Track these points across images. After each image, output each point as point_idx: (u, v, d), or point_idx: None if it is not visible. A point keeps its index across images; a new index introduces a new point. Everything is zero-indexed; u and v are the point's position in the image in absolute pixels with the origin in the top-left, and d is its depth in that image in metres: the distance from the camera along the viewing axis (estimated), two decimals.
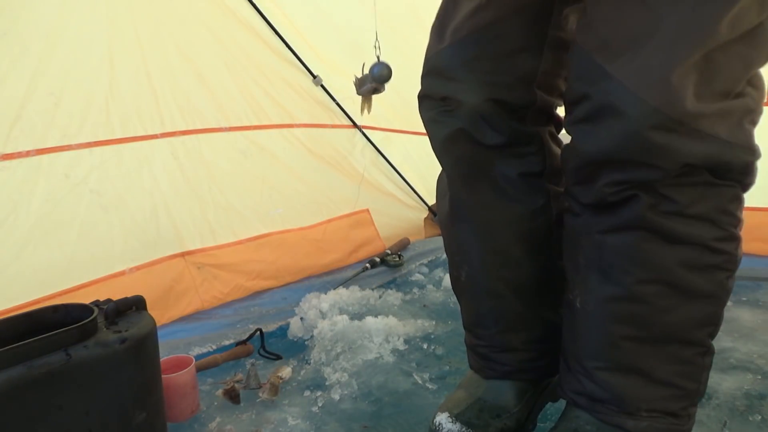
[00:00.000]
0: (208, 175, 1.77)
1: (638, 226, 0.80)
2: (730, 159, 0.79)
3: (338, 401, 1.23)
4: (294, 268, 1.93)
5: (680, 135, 0.74)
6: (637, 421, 0.85)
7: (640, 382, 0.85)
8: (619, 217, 0.81)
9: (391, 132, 2.30)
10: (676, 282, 0.81)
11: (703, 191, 0.80)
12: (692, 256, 0.80)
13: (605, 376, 0.86)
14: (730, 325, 1.51)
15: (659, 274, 0.81)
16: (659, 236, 0.80)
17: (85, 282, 1.49)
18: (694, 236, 0.80)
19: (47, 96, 1.42)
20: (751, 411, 1.13)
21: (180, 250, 1.69)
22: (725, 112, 0.77)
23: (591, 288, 0.85)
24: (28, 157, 1.40)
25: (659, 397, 0.85)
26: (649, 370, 0.84)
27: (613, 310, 0.84)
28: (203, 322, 1.62)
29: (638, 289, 0.81)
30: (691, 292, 0.81)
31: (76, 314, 0.97)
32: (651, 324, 0.83)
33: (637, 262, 0.81)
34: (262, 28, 1.86)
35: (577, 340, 0.89)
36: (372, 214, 2.22)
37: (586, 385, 0.88)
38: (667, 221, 0.79)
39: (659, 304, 0.81)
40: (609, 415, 0.86)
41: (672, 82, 0.72)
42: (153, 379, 1.03)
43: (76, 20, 1.46)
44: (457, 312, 1.66)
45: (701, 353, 0.86)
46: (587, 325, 0.87)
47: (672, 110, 0.73)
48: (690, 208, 0.79)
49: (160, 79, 1.65)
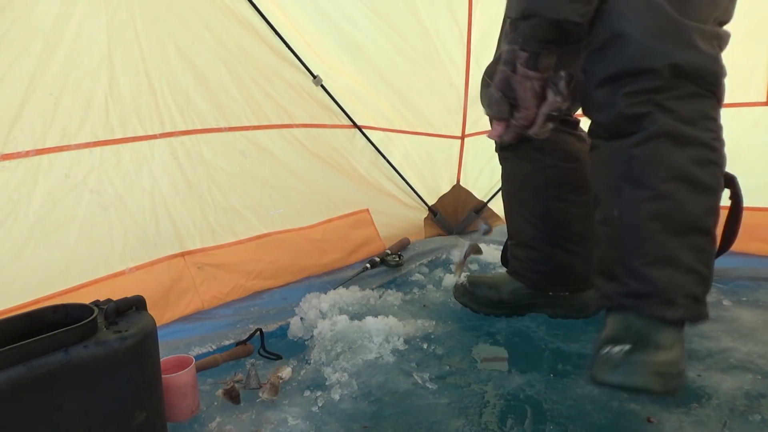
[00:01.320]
0: (208, 175, 1.77)
1: (658, 135, 1.02)
2: (705, 66, 1.02)
3: (338, 401, 1.23)
4: (294, 268, 1.93)
5: (671, 39, 1.01)
6: (674, 311, 1.02)
7: (674, 272, 1.02)
8: (643, 132, 1.03)
9: (391, 132, 2.30)
10: (689, 177, 1.02)
11: (693, 101, 1.03)
12: (698, 153, 1.03)
13: (647, 270, 1.03)
14: (730, 325, 1.51)
15: (677, 171, 1.02)
16: (673, 141, 1.01)
17: (85, 282, 1.49)
18: (698, 137, 1.03)
19: (47, 96, 1.42)
20: (751, 411, 1.13)
21: (180, 250, 1.69)
22: (701, 31, 1.02)
23: (625, 197, 1.05)
24: (27, 157, 1.40)
25: (688, 283, 1.03)
26: (678, 259, 1.02)
27: (646, 209, 1.03)
28: (203, 322, 1.62)
29: (664, 187, 1.02)
30: (700, 184, 1.03)
31: (76, 314, 0.97)
32: (675, 216, 1.02)
33: (661, 165, 1.02)
34: (262, 28, 1.86)
35: (620, 245, 1.08)
36: (372, 214, 2.22)
37: (631, 284, 1.05)
38: (678, 127, 1.02)
39: (679, 198, 1.02)
40: (652, 309, 1.02)
41: (657, 2, 1.01)
42: (153, 379, 1.03)
43: (75, 20, 1.46)
44: (457, 312, 1.67)
45: (710, 241, 1.06)
46: (627, 230, 1.06)
47: (662, 20, 1.01)
48: (689, 114, 1.02)
49: (159, 79, 1.65)
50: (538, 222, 1.50)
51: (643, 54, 1.01)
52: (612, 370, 0.98)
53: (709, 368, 1.29)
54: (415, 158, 2.37)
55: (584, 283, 1.55)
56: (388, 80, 2.20)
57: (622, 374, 0.97)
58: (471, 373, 1.34)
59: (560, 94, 1.13)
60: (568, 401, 1.20)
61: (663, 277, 1.02)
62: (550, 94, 1.14)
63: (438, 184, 2.47)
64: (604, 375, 0.99)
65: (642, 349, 0.98)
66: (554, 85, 1.13)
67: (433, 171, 2.44)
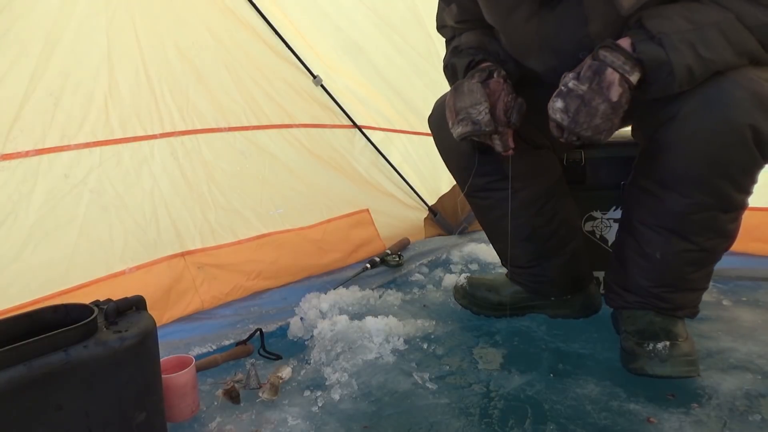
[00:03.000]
0: (208, 175, 1.77)
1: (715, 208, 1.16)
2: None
3: (338, 401, 1.23)
4: (294, 268, 1.93)
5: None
6: (682, 312, 1.29)
7: (691, 294, 1.28)
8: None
9: (391, 132, 2.30)
10: (726, 233, 1.20)
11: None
12: (735, 215, 1.18)
13: (672, 296, 1.26)
14: (730, 325, 1.51)
15: (720, 233, 1.19)
16: (723, 211, 1.16)
17: (85, 282, 1.49)
18: (741, 201, 1.16)
19: (47, 96, 1.42)
20: (751, 411, 1.13)
21: (180, 250, 1.69)
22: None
23: (672, 245, 1.20)
24: (27, 157, 1.40)
25: (698, 296, 1.30)
26: (696, 286, 1.27)
27: (687, 258, 1.21)
28: (203, 322, 1.61)
29: (707, 245, 1.19)
30: (731, 236, 1.21)
31: (76, 314, 0.97)
32: (707, 261, 1.24)
33: (710, 230, 1.18)
34: (262, 28, 1.86)
35: (653, 278, 1.26)
36: (372, 214, 2.22)
37: (654, 302, 1.27)
38: (734, 198, 1.15)
39: (715, 248, 1.21)
40: (666, 312, 1.28)
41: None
42: (153, 379, 1.03)
43: (75, 20, 1.46)
44: (457, 312, 1.68)
45: (716, 262, 1.26)
46: (665, 269, 1.24)
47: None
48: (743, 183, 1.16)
49: (159, 79, 1.65)
50: (527, 244, 1.50)
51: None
52: (662, 364, 1.21)
53: (709, 368, 1.29)
54: (415, 158, 2.37)
55: (585, 279, 1.57)
56: (388, 80, 2.20)
57: (670, 367, 1.21)
58: (471, 373, 1.34)
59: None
60: (568, 401, 1.20)
61: (681, 298, 1.27)
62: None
63: (438, 184, 2.47)
64: (654, 368, 1.22)
65: (675, 345, 1.23)
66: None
67: (433, 171, 2.44)
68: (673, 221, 1.19)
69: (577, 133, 1.08)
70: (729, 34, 1.04)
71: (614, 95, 1.05)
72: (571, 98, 1.07)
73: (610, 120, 1.06)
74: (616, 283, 1.34)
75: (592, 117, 1.06)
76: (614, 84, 1.05)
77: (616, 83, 1.05)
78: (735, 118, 1.05)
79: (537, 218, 1.47)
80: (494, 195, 1.45)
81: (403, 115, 2.30)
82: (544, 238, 1.49)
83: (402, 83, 2.24)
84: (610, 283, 1.38)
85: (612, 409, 1.16)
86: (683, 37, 1.03)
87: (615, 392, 1.22)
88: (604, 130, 1.07)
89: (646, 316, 1.28)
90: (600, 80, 1.05)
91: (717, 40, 1.04)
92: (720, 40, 1.04)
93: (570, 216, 1.53)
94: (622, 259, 1.31)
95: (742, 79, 1.05)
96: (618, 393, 1.21)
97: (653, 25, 1.06)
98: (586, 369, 1.32)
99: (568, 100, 1.07)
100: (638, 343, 1.25)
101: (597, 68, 1.06)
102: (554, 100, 1.10)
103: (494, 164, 1.40)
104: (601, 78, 1.05)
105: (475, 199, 1.52)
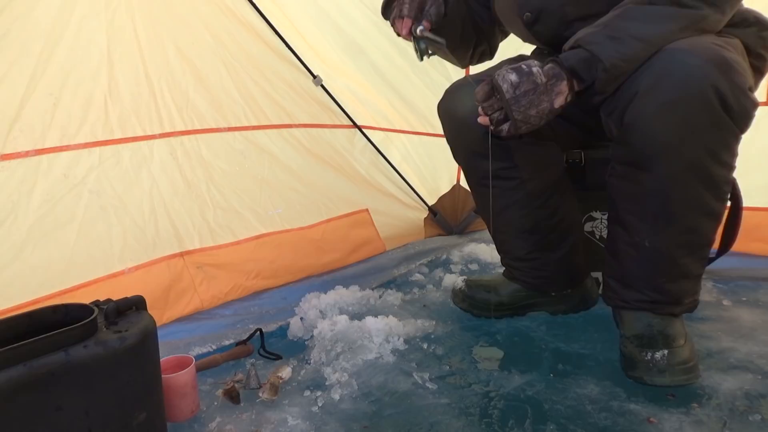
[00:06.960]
0: (207, 175, 1.77)
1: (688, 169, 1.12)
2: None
3: (338, 401, 1.22)
4: (293, 267, 1.93)
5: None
6: (681, 307, 1.27)
7: (687, 283, 1.25)
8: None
9: (391, 132, 2.30)
10: (712, 211, 1.18)
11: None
12: (719, 192, 1.17)
13: (668, 286, 1.24)
14: (730, 325, 1.51)
15: (704, 210, 1.17)
16: (701, 182, 1.13)
17: (85, 282, 1.48)
18: (723, 177, 1.15)
19: (46, 96, 1.42)
20: (751, 411, 1.13)
21: (179, 250, 1.69)
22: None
23: (659, 230, 1.19)
24: (27, 157, 1.40)
25: (694, 286, 1.27)
26: (690, 272, 1.24)
27: (677, 241, 1.19)
28: (203, 322, 1.61)
29: (694, 224, 1.18)
30: (718, 215, 1.20)
31: (76, 314, 0.97)
32: (697, 243, 1.21)
33: (694, 207, 1.16)
34: (262, 28, 1.86)
35: (645, 267, 1.24)
36: (372, 214, 2.21)
37: (650, 294, 1.25)
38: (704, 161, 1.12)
39: (703, 228, 1.19)
40: (664, 309, 1.26)
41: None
42: (153, 379, 1.03)
43: (75, 20, 1.46)
44: (457, 312, 1.67)
45: (709, 246, 1.24)
46: (656, 255, 1.21)
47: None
48: (714, 147, 1.12)
49: (159, 79, 1.65)
50: (529, 235, 1.52)
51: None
52: (660, 374, 1.21)
53: (709, 368, 1.29)
54: (415, 158, 2.37)
55: (583, 273, 1.59)
56: (388, 80, 2.20)
57: (669, 377, 1.21)
58: (471, 373, 1.34)
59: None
60: (568, 401, 1.20)
61: (677, 287, 1.25)
62: None
63: (438, 184, 2.47)
64: (653, 379, 1.22)
65: (673, 353, 1.22)
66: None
67: (433, 171, 2.44)
68: (655, 203, 1.18)
69: (510, 110, 1.12)
70: (636, 12, 1.11)
71: (557, 103, 1.13)
72: (528, 80, 1.11)
73: (540, 118, 1.14)
74: (612, 277, 1.33)
75: (532, 107, 1.12)
76: (562, 95, 1.13)
77: (563, 96, 1.13)
78: (695, 83, 1.05)
79: (541, 211, 1.48)
80: (502, 184, 1.46)
81: (403, 115, 2.30)
82: (546, 230, 1.50)
83: (402, 83, 2.24)
84: (606, 278, 1.37)
85: (612, 409, 1.16)
86: (594, 33, 1.12)
87: (615, 392, 1.22)
88: (531, 123, 1.14)
89: (643, 318, 1.27)
90: (555, 84, 1.12)
91: (631, 20, 1.11)
92: (634, 21, 1.11)
93: (572, 211, 1.55)
94: (614, 252, 1.30)
95: (697, 46, 1.07)
96: (618, 393, 1.21)
97: (571, 42, 1.15)
98: (587, 369, 1.32)
99: (523, 79, 1.11)
100: (637, 350, 1.25)
101: (558, 74, 1.13)
102: (509, 71, 1.12)
103: (506, 150, 1.42)
104: (557, 84, 1.12)
105: (483, 188, 1.50)
